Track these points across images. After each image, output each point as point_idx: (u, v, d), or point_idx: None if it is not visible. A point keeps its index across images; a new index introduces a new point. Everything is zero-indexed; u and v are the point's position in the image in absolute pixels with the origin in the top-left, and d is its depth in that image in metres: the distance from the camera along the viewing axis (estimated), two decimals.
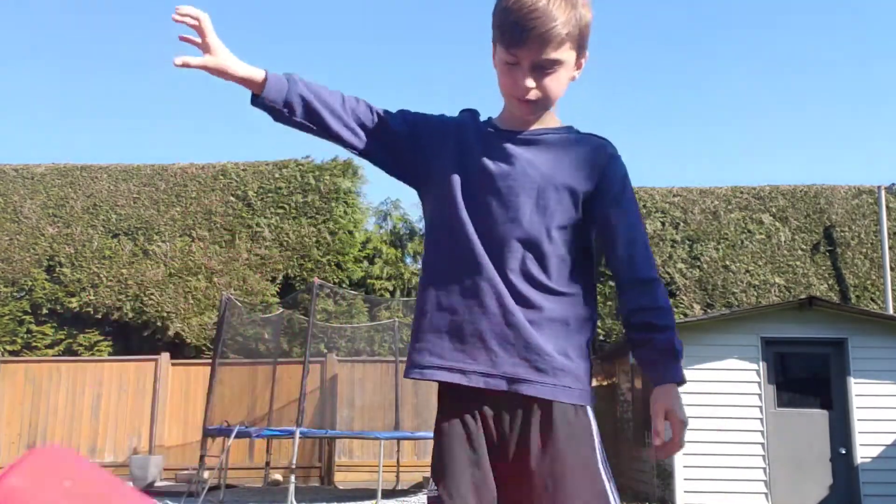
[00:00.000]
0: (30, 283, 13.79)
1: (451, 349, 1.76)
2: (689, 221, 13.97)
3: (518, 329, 1.74)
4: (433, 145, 1.87)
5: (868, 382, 9.58)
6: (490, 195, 1.80)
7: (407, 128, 1.88)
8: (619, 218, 1.83)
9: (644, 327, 1.79)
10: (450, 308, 1.78)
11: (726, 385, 9.60)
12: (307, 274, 13.71)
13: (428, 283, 1.84)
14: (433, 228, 1.88)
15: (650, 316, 1.79)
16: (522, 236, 1.76)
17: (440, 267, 1.82)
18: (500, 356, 1.73)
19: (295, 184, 14.41)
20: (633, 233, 1.84)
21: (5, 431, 12.34)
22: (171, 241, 14.04)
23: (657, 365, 1.78)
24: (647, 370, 1.80)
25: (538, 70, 1.76)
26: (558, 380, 1.74)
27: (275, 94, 1.79)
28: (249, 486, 11.38)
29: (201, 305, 13.67)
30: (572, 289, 1.79)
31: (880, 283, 13.47)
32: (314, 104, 1.82)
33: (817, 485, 9.50)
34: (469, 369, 1.74)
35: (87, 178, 14.56)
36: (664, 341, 1.78)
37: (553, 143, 1.85)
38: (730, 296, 13.50)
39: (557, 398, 1.73)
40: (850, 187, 14.25)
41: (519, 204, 1.78)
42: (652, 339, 1.78)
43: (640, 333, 1.80)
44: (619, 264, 1.83)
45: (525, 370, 1.73)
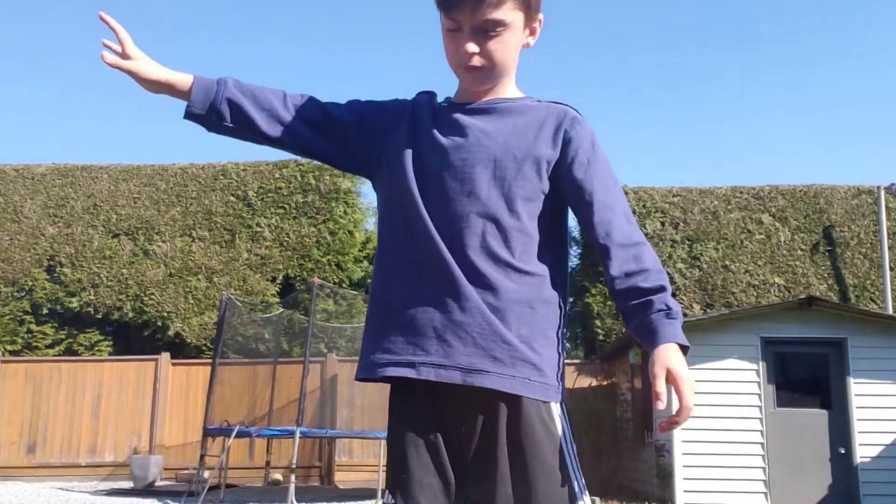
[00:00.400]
0: (30, 283, 13.80)
1: (403, 343, 1.62)
2: (688, 221, 13.99)
3: (475, 314, 1.59)
4: (385, 130, 1.76)
5: (867, 382, 9.59)
6: (444, 170, 1.66)
7: (355, 118, 1.77)
8: (591, 184, 1.67)
9: (632, 293, 1.62)
10: (403, 298, 1.64)
11: (726, 385, 9.61)
12: (307, 274, 13.72)
13: (380, 274, 1.71)
14: (385, 214, 1.73)
15: (637, 280, 1.62)
16: (481, 211, 1.62)
17: (393, 254, 1.69)
18: (455, 346, 1.58)
19: (295, 184, 14.42)
20: (609, 198, 1.68)
21: (6, 431, 12.34)
22: (171, 241, 14.05)
23: (650, 328, 1.59)
24: (643, 337, 1.61)
25: (480, 34, 1.64)
26: (517, 371, 1.58)
27: (201, 100, 1.71)
28: (250, 486, 11.39)
29: (201, 305, 13.68)
30: (538, 268, 1.65)
31: (880, 283, 13.48)
32: (245, 108, 1.72)
33: (817, 484, 9.52)
34: (419, 361, 1.60)
35: (87, 178, 14.56)
36: (657, 303, 1.60)
37: (509, 110, 1.72)
38: (729, 296, 13.51)
39: (515, 391, 1.58)
40: (850, 187, 14.25)
41: (475, 176, 1.64)
42: (643, 304, 1.61)
43: (629, 301, 1.62)
44: (597, 232, 1.66)
45: (481, 360, 1.58)
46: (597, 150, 1.71)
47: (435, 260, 1.61)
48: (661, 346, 1.56)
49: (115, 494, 10.27)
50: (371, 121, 1.77)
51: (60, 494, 10.17)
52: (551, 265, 1.68)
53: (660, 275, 1.64)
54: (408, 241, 1.66)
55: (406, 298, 1.64)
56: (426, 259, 1.62)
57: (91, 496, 10.07)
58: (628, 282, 1.62)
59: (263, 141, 1.77)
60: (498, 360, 1.58)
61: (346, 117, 1.77)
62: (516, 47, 1.70)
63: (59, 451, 12.33)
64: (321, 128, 1.77)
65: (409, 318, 1.62)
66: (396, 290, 1.66)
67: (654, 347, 1.57)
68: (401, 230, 1.67)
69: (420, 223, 1.63)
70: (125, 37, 1.72)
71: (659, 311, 1.60)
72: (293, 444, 9.03)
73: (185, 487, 9.76)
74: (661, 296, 1.62)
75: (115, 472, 12.11)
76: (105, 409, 12.48)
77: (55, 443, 12.34)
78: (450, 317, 1.59)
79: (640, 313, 1.61)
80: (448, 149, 1.68)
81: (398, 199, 1.68)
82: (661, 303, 1.61)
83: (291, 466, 8.98)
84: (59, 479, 11.91)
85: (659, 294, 1.62)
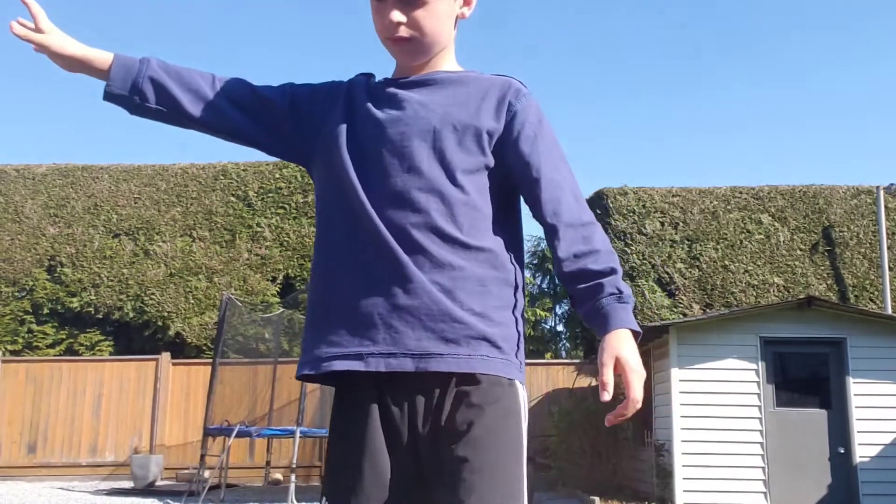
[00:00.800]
0: (31, 283, 13.81)
1: (348, 334, 1.50)
2: (688, 221, 14.00)
3: (421, 295, 1.47)
4: (320, 112, 1.65)
5: (867, 382, 9.60)
6: (381, 146, 1.56)
7: (287, 100, 1.66)
8: (538, 159, 1.57)
9: (581, 276, 1.52)
10: (344, 287, 1.53)
11: (725, 385, 9.62)
12: (307, 274, 13.73)
13: (319, 263, 1.59)
14: (323, 199, 1.62)
15: (587, 262, 1.52)
16: (423, 185, 1.51)
17: (331, 240, 1.57)
18: (402, 331, 1.47)
19: (295, 184, 14.44)
20: (557, 175, 1.58)
21: (6, 431, 12.36)
22: (171, 241, 14.07)
23: (601, 313, 1.50)
24: (593, 323, 1.52)
25: (406, 3, 1.56)
26: (473, 349, 1.48)
27: (121, 79, 1.61)
28: (250, 486, 11.41)
29: (202, 305, 13.69)
30: (489, 243, 1.54)
31: (879, 283, 13.50)
32: (171, 88, 1.61)
33: (816, 484, 9.53)
34: (367, 352, 1.48)
35: (88, 178, 14.58)
36: (607, 287, 1.51)
37: (448, 80, 1.62)
38: (729, 296, 13.52)
39: (474, 370, 1.47)
40: (849, 187, 14.27)
41: (413, 150, 1.54)
42: (592, 288, 1.51)
43: (578, 284, 1.52)
44: (544, 211, 1.56)
45: (433, 342, 1.46)
46: (544, 124, 1.61)
47: (376, 242, 1.50)
48: (612, 332, 1.47)
49: (116, 494, 10.29)
50: (305, 103, 1.66)
51: (61, 494, 10.18)
52: (505, 240, 1.57)
53: (610, 256, 1.54)
54: (347, 225, 1.55)
55: (348, 287, 1.52)
56: (367, 242, 1.51)
57: (92, 496, 10.09)
58: (577, 264, 1.52)
59: (190, 124, 1.65)
60: (451, 340, 1.47)
61: (278, 100, 1.66)
62: (448, 17, 1.61)
63: (59, 450, 12.34)
64: (252, 111, 1.66)
65: (353, 308, 1.50)
66: (337, 279, 1.54)
67: (604, 334, 1.48)
68: (339, 214, 1.56)
69: (358, 204, 1.52)
70: (38, 11, 1.61)
71: (610, 295, 1.50)
72: (293, 444, 9.05)
73: (186, 487, 9.77)
74: (612, 278, 1.52)
75: (116, 471, 12.12)
76: (106, 409, 12.50)
77: (56, 442, 12.35)
78: (395, 301, 1.48)
79: (590, 298, 1.52)
80: (384, 123, 1.58)
81: (334, 181, 1.57)
82: (611, 286, 1.51)
83: (292, 466, 9.00)
84: (60, 479, 11.92)
85: (609, 277, 1.52)
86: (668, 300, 13.52)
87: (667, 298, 13.54)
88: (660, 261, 13.68)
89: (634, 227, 13.94)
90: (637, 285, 13.56)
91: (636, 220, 14.00)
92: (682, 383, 9.45)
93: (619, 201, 14.08)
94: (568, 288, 1.55)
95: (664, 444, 9.75)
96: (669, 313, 13.25)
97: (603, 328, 1.49)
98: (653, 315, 13.19)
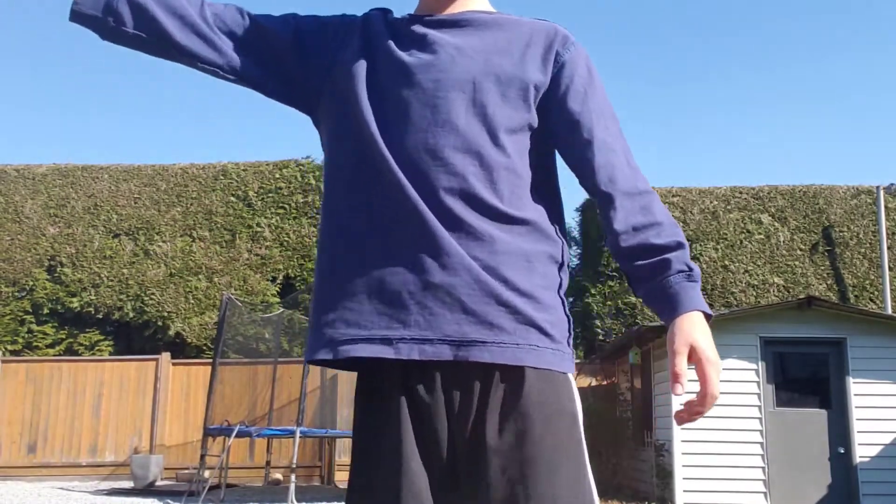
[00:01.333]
0: (31, 283, 13.81)
1: (371, 313, 1.28)
2: (688, 221, 14.00)
3: (460, 272, 1.26)
4: (330, 48, 1.42)
5: (867, 382, 9.61)
6: (409, 95, 1.33)
7: (290, 32, 1.43)
8: (589, 118, 1.37)
9: (642, 251, 1.32)
10: (362, 258, 1.31)
11: (725, 385, 9.61)
12: (308, 274, 13.74)
13: (330, 229, 1.37)
14: (334, 153, 1.40)
15: (648, 235, 1.32)
16: (459, 144, 1.30)
17: (346, 202, 1.35)
18: (438, 312, 1.26)
19: (295, 184, 14.44)
20: (609, 137, 1.38)
21: (6, 431, 12.36)
22: (171, 241, 14.07)
23: (668, 293, 1.30)
24: (658, 304, 1.32)
25: None
26: (521, 337, 1.27)
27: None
28: (250, 486, 11.41)
29: (202, 305, 13.70)
30: (532, 214, 1.33)
31: (879, 283, 13.50)
32: (152, 10, 1.37)
33: (816, 484, 9.53)
34: (396, 336, 1.26)
35: (87, 178, 14.59)
36: (675, 263, 1.31)
37: (486, 23, 1.40)
38: (729, 296, 13.52)
39: (524, 362, 1.26)
40: (849, 187, 14.27)
41: (449, 102, 1.32)
42: (657, 265, 1.31)
43: (638, 261, 1.33)
44: (598, 177, 1.35)
45: (475, 328, 1.25)
46: (594, 77, 1.41)
47: (402, 208, 1.28)
48: (684, 315, 1.28)
49: (116, 494, 10.29)
50: (312, 36, 1.43)
51: (61, 494, 10.18)
52: (548, 209, 1.37)
53: (674, 229, 1.35)
54: (366, 184, 1.32)
55: (369, 257, 1.30)
56: (390, 207, 1.29)
57: (91, 496, 10.09)
58: (637, 237, 1.32)
59: (175, 55, 1.41)
60: (496, 326, 1.26)
61: (280, 31, 1.43)
62: None
63: (59, 450, 12.34)
64: (248, 43, 1.42)
65: (376, 283, 1.28)
66: (355, 247, 1.32)
67: (673, 317, 1.29)
68: (354, 172, 1.34)
69: (380, 161, 1.30)
70: None
71: (678, 273, 1.30)
72: (293, 444, 9.05)
73: (186, 487, 9.77)
74: (679, 253, 1.32)
75: (116, 471, 12.13)
76: (106, 409, 12.50)
77: (56, 442, 12.35)
78: (428, 277, 1.26)
79: (654, 275, 1.32)
80: (413, 68, 1.35)
81: (350, 132, 1.35)
82: (679, 262, 1.31)
83: (292, 466, 9.00)
84: (60, 479, 11.92)
85: (676, 251, 1.32)
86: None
87: None
88: None
89: None
90: None
91: None
92: None
93: None
94: (624, 265, 1.35)
95: (664, 444, 9.75)
96: None
97: (672, 310, 1.29)
98: (653, 315, 13.16)
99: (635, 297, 14.66)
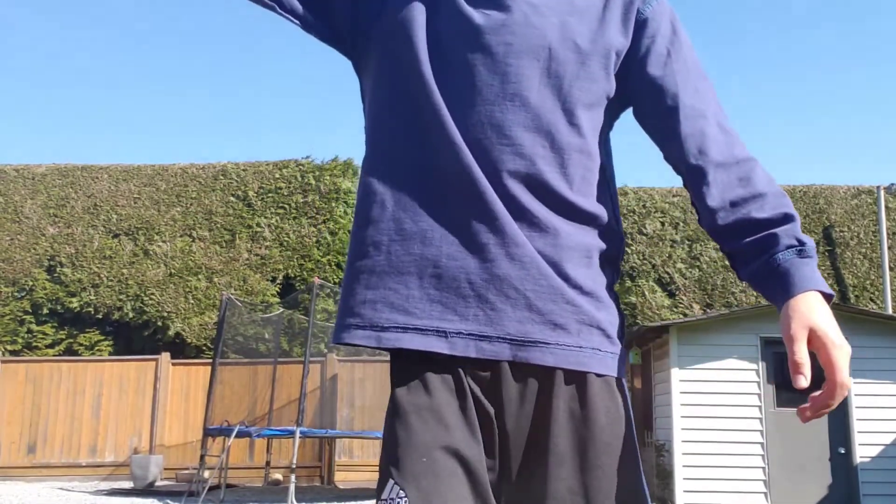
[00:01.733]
0: (30, 283, 13.81)
1: (421, 299, 1.15)
2: (688, 221, 14.00)
3: (528, 266, 1.15)
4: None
5: (867, 382, 9.59)
6: (475, 57, 1.17)
7: None
8: (674, 81, 1.21)
9: (743, 228, 1.17)
10: (415, 234, 1.16)
11: (726, 385, 9.61)
12: (307, 274, 13.73)
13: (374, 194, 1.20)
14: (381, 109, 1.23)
15: (749, 208, 1.16)
16: (528, 122, 1.16)
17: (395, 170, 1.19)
18: (501, 308, 1.14)
19: (295, 184, 14.44)
20: (700, 102, 1.21)
21: (6, 431, 12.35)
22: (171, 241, 14.07)
23: (778, 271, 1.14)
24: (766, 285, 1.17)
25: None
26: (584, 339, 1.17)
27: None
28: (250, 486, 11.40)
29: (202, 305, 13.69)
30: (597, 204, 1.21)
31: (879, 283, 13.49)
32: None
33: (816, 485, 9.52)
34: (452, 329, 1.14)
35: (87, 178, 14.58)
36: (783, 238, 1.15)
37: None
38: (729, 296, 13.51)
39: (588, 368, 1.16)
40: (850, 187, 14.27)
41: (521, 70, 1.16)
42: (763, 241, 1.16)
43: (742, 239, 1.17)
44: (686, 148, 1.19)
45: (538, 327, 1.15)
46: (679, 35, 1.25)
47: (466, 188, 1.15)
48: (799, 295, 1.12)
49: (116, 494, 10.28)
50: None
51: (61, 494, 10.17)
52: (611, 198, 1.25)
53: (781, 199, 1.18)
54: (421, 156, 1.18)
55: (421, 234, 1.16)
56: (452, 185, 1.16)
57: (91, 496, 10.08)
58: (736, 213, 1.17)
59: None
60: (559, 326, 1.15)
61: None
62: None
63: (59, 451, 12.34)
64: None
65: (430, 265, 1.15)
66: (404, 222, 1.17)
67: (787, 298, 1.13)
68: (409, 138, 1.19)
69: (439, 129, 1.16)
70: None
71: (788, 248, 1.14)
72: (293, 444, 9.04)
73: (186, 487, 9.77)
74: (789, 227, 1.16)
75: (116, 472, 12.12)
76: (105, 409, 12.49)
77: (55, 443, 12.35)
78: (493, 268, 1.14)
79: (760, 253, 1.16)
80: (482, 28, 1.18)
81: (404, 88, 1.20)
82: (788, 237, 1.15)
83: (291, 466, 8.99)
84: (60, 479, 11.91)
85: (784, 225, 1.16)
86: (669, 300, 13.52)
87: (667, 298, 13.54)
88: (660, 261, 13.67)
89: (635, 227, 13.94)
90: (637, 285, 13.56)
91: (636, 220, 14.00)
92: (682, 383, 9.44)
93: (620, 201, 14.04)
94: (725, 246, 1.20)
95: (664, 444, 9.75)
96: (670, 313, 13.24)
97: (785, 291, 1.13)
98: (653, 315, 13.18)
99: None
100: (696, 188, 1.21)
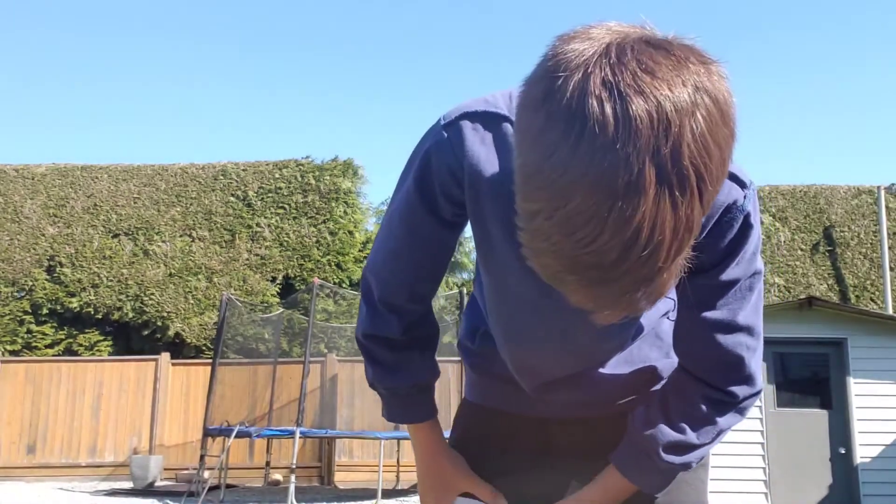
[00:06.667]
0: (30, 283, 13.81)
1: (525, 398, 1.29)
2: None
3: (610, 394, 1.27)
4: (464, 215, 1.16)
5: (868, 382, 9.59)
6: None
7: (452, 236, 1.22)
8: (715, 297, 1.08)
9: (644, 439, 1.15)
10: (524, 365, 1.25)
11: None
12: (307, 274, 13.73)
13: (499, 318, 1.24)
14: (495, 299, 1.23)
15: (660, 442, 1.14)
16: (629, 336, 1.21)
17: (510, 325, 1.23)
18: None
19: (295, 184, 14.44)
20: (735, 332, 1.10)
21: (6, 431, 12.34)
22: (171, 241, 14.06)
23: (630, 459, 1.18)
24: (624, 459, 1.18)
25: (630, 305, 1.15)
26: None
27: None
28: (250, 486, 11.39)
29: (201, 305, 13.69)
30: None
31: (880, 283, 13.48)
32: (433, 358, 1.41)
33: (817, 485, 9.52)
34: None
35: (87, 178, 14.58)
36: (659, 457, 1.15)
37: None
38: None
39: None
40: (850, 187, 14.26)
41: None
42: (644, 445, 1.15)
43: (639, 431, 1.16)
44: (707, 354, 1.13)
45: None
46: (743, 252, 1.07)
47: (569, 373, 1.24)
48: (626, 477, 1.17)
49: (115, 494, 10.28)
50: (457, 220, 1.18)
51: (60, 494, 10.17)
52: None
53: (695, 453, 1.16)
54: (529, 333, 1.20)
55: (529, 369, 1.25)
56: (556, 363, 1.23)
57: (91, 496, 10.08)
58: (652, 436, 1.15)
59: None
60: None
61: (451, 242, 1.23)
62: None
63: (59, 451, 12.33)
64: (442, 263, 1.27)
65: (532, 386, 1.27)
66: (516, 353, 1.24)
67: (618, 469, 1.18)
68: (520, 322, 1.21)
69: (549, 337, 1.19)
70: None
71: (661, 458, 1.15)
72: (293, 444, 9.04)
73: (186, 487, 9.76)
74: (679, 458, 1.16)
75: (116, 472, 12.11)
76: (105, 410, 12.48)
77: (55, 443, 12.34)
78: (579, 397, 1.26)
79: (639, 447, 1.17)
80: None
81: (513, 308, 1.20)
82: (667, 455, 1.15)
83: (291, 466, 8.98)
84: (60, 480, 11.91)
85: (672, 457, 1.15)
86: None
87: None
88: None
89: None
90: None
91: None
92: None
93: None
94: (630, 420, 1.20)
95: None
96: None
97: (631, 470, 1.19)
98: None
99: None
100: (677, 373, 1.19)
